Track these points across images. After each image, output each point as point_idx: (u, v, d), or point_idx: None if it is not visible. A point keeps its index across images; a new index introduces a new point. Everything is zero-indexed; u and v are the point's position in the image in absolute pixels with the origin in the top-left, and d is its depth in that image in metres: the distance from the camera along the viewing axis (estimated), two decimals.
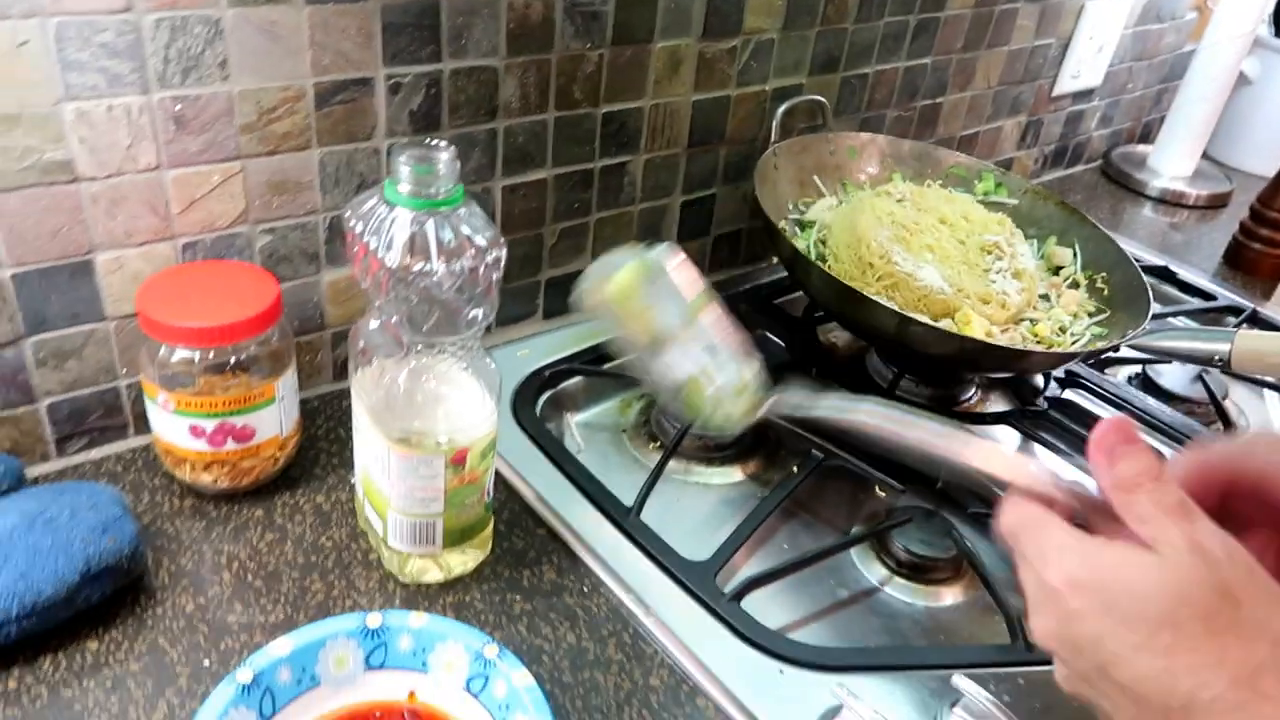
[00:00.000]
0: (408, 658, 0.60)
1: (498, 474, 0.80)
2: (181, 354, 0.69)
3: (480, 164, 0.89)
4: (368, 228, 0.60)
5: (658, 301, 0.66)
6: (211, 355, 0.70)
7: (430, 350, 0.64)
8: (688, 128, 1.03)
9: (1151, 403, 1.03)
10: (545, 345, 1.00)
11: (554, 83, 0.90)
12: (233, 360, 0.71)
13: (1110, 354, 0.95)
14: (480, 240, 0.62)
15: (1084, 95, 1.57)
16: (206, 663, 0.64)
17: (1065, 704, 0.73)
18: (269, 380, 0.72)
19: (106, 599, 0.66)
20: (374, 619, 0.60)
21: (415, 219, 0.59)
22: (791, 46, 1.07)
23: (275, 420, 0.74)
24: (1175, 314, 1.25)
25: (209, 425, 0.71)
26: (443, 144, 0.61)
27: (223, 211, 0.76)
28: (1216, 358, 0.83)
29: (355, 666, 0.60)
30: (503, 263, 0.63)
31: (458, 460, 0.66)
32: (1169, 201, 1.59)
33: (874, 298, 0.88)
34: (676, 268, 0.67)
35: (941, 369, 1.02)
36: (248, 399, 0.71)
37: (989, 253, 1.02)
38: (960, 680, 0.65)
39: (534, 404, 0.92)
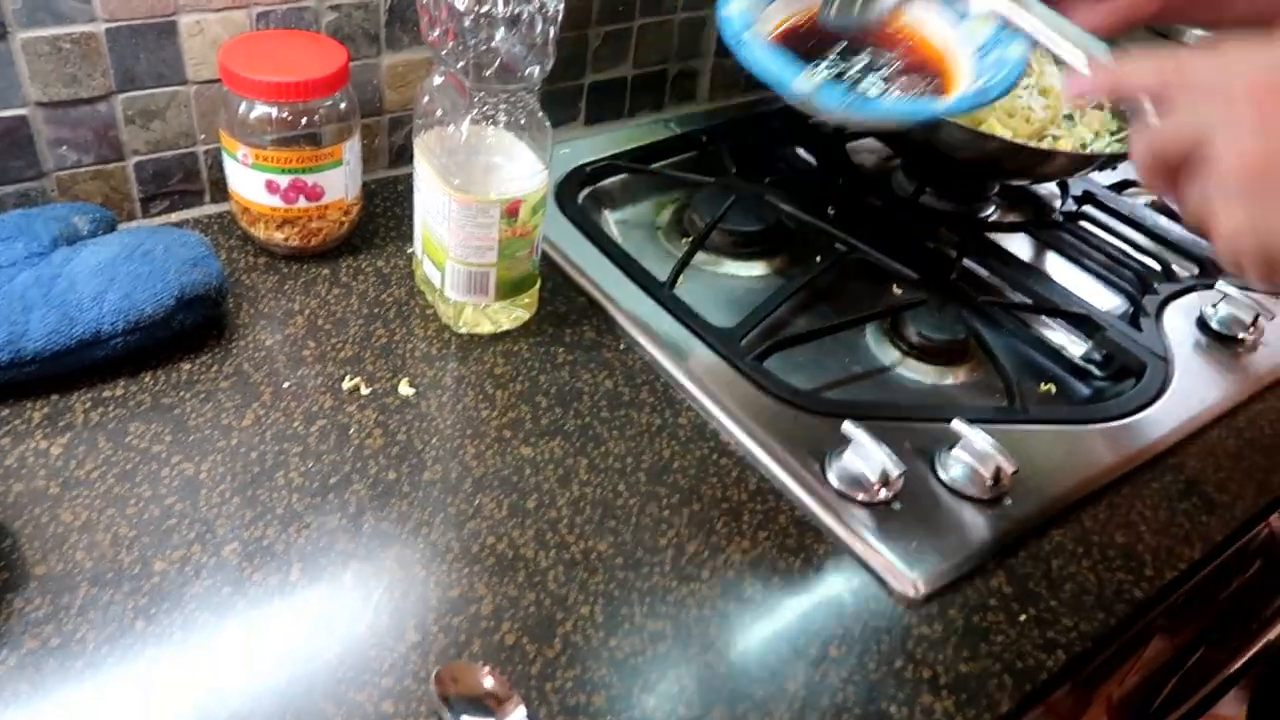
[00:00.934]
0: None
1: (544, 253, 0.86)
2: (259, 110, 0.75)
3: None
4: None
5: None
6: (287, 114, 0.76)
7: (491, 103, 0.70)
8: None
9: (1164, 222, 1.08)
10: (586, 148, 1.05)
11: None
12: (304, 121, 0.77)
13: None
14: None
15: None
16: (286, 384, 0.73)
17: (1057, 453, 0.81)
18: (337, 143, 0.78)
19: (197, 326, 0.74)
20: None
21: None
22: None
23: (342, 183, 0.81)
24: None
25: (283, 181, 0.78)
26: None
27: None
28: None
29: None
30: (560, 17, 0.68)
31: (511, 211, 0.72)
32: None
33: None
34: None
35: (967, 177, 1.07)
36: (318, 158, 0.78)
37: None
38: (959, 424, 0.72)
39: (576, 196, 0.98)
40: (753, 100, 1.21)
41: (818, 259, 0.97)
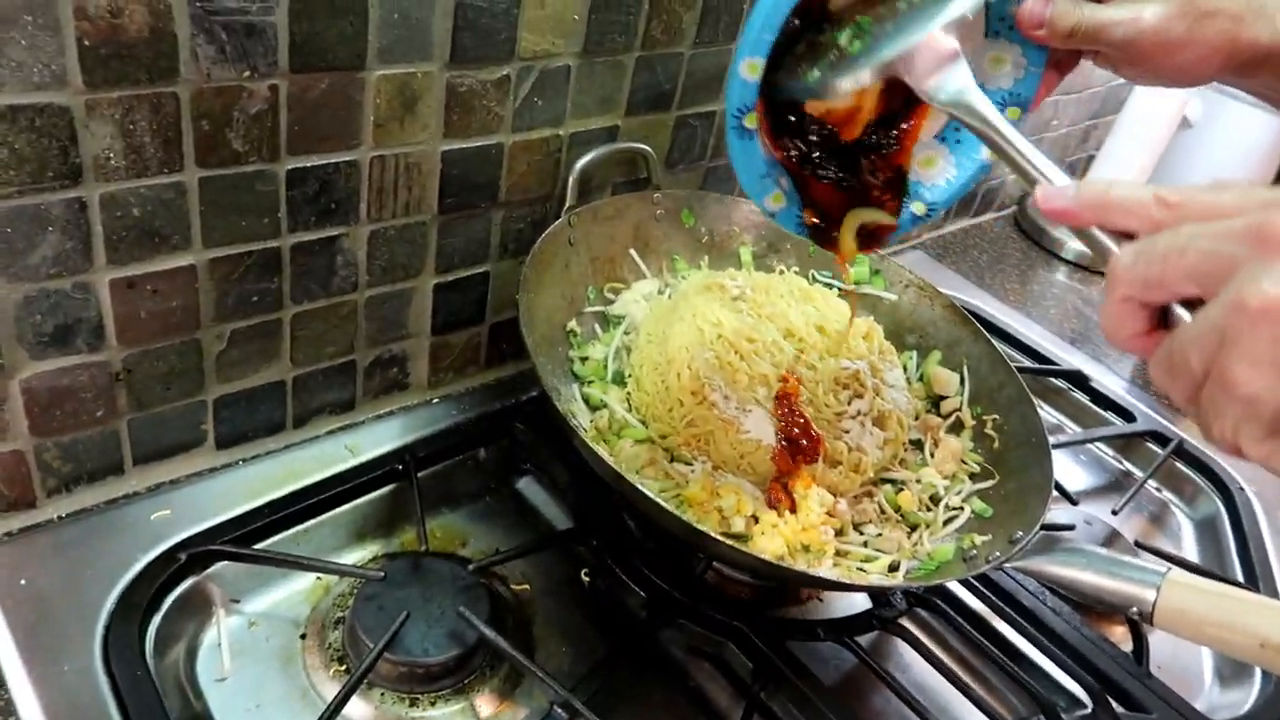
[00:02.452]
0: None
1: None
2: None
3: (63, 250, 0.57)
4: None
5: None
6: None
7: None
8: (437, 187, 0.72)
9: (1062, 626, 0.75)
10: (211, 496, 0.69)
11: (190, 128, 0.58)
12: None
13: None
14: None
15: None
16: None
17: None
18: None
19: None
20: None
21: None
22: (598, 77, 0.77)
23: None
24: (1083, 442, 1.00)
25: None
26: None
27: None
28: (1134, 609, 0.57)
29: None
30: None
31: None
32: (1088, 268, 1.34)
33: (650, 494, 0.59)
34: None
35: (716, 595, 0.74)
36: None
37: (845, 387, 0.74)
38: None
39: (149, 617, 0.61)
40: (502, 380, 0.88)
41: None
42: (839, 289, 0.88)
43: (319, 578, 0.70)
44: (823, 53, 0.55)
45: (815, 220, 0.60)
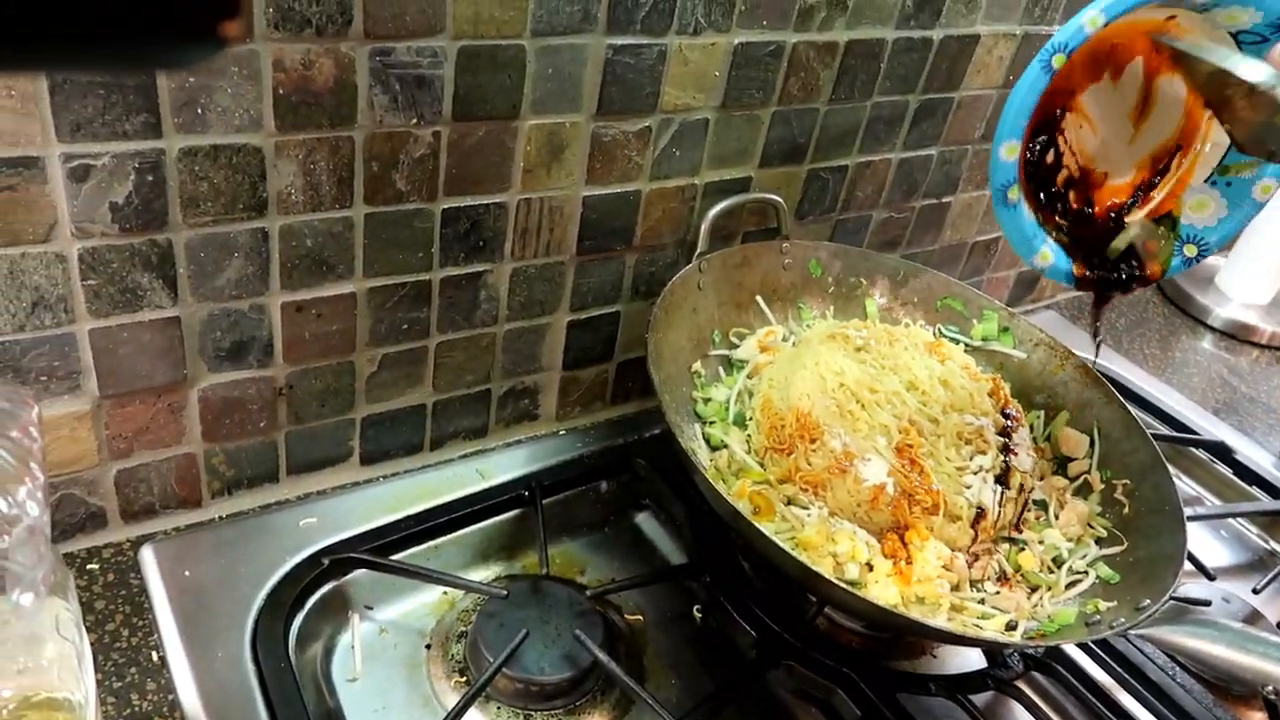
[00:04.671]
0: None
1: None
2: None
3: (245, 274, 0.64)
4: None
5: None
6: None
7: None
8: (576, 229, 0.77)
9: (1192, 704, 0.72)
10: (353, 508, 0.74)
11: (361, 168, 0.64)
12: None
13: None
14: None
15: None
16: None
17: None
18: None
19: None
20: None
21: None
22: (734, 130, 0.80)
23: None
24: (1224, 516, 0.96)
25: None
26: None
27: None
28: (1270, 688, 0.54)
29: None
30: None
31: None
32: (1236, 337, 1.28)
33: (768, 532, 0.61)
34: None
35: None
36: None
37: (968, 442, 0.74)
38: None
39: (293, 615, 0.66)
40: (626, 416, 0.91)
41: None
42: (965, 344, 0.88)
43: (445, 592, 0.73)
44: None
45: (1084, 273, 0.67)
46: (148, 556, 0.67)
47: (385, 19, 0.59)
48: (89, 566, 0.67)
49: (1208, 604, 0.82)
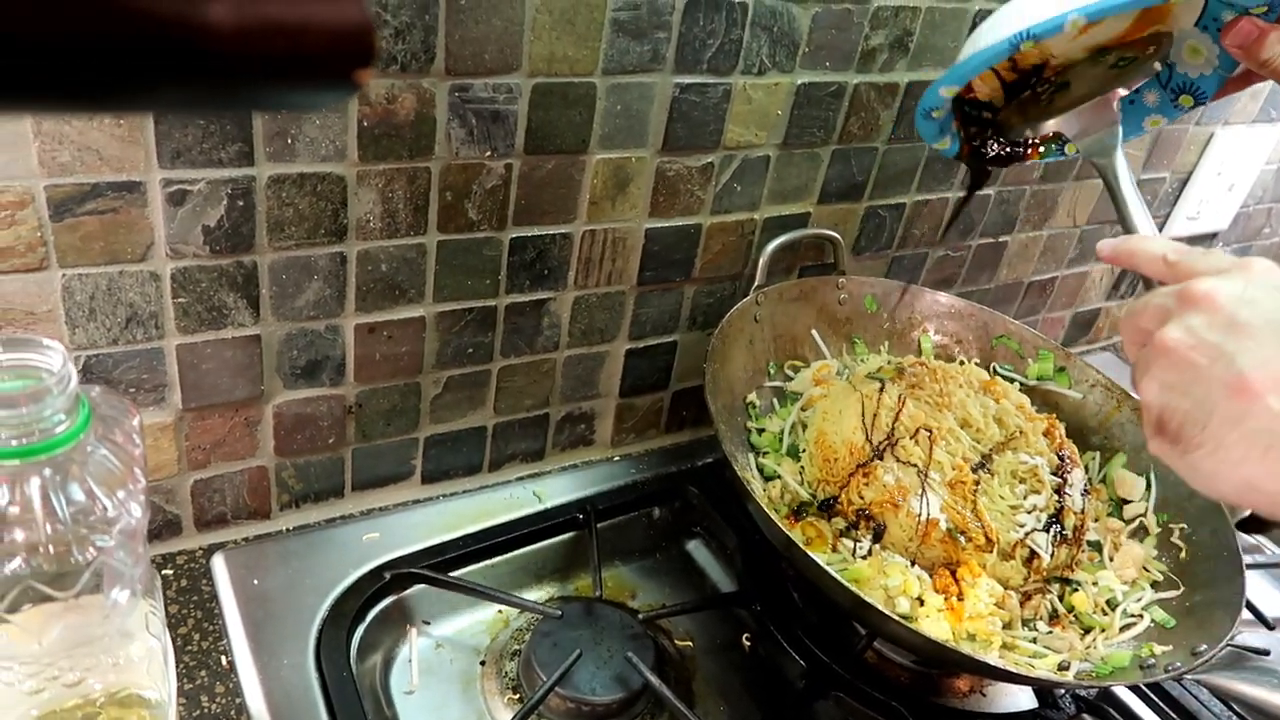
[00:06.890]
0: None
1: None
2: None
3: (322, 296, 0.66)
4: None
5: None
6: None
7: None
8: (638, 260, 0.79)
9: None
10: (414, 525, 0.77)
11: (436, 198, 0.67)
12: None
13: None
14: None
15: (1203, 240, 1.26)
16: None
17: None
18: None
19: None
20: None
21: None
22: (794, 167, 0.82)
23: None
24: None
25: None
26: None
27: None
28: None
29: None
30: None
31: None
32: None
33: (820, 562, 0.61)
34: None
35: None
36: None
37: (1022, 481, 0.74)
38: None
39: (355, 626, 0.68)
40: (680, 445, 0.92)
41: None
42: (1020, 383, 0.88)
43: (500, 611, 0.75)
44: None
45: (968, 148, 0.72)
46: (219, 564, 0.70)
47: (465, 57, 0.62)
48: (164, 572, 0.70)
49: (1266, 653, 0.81)
